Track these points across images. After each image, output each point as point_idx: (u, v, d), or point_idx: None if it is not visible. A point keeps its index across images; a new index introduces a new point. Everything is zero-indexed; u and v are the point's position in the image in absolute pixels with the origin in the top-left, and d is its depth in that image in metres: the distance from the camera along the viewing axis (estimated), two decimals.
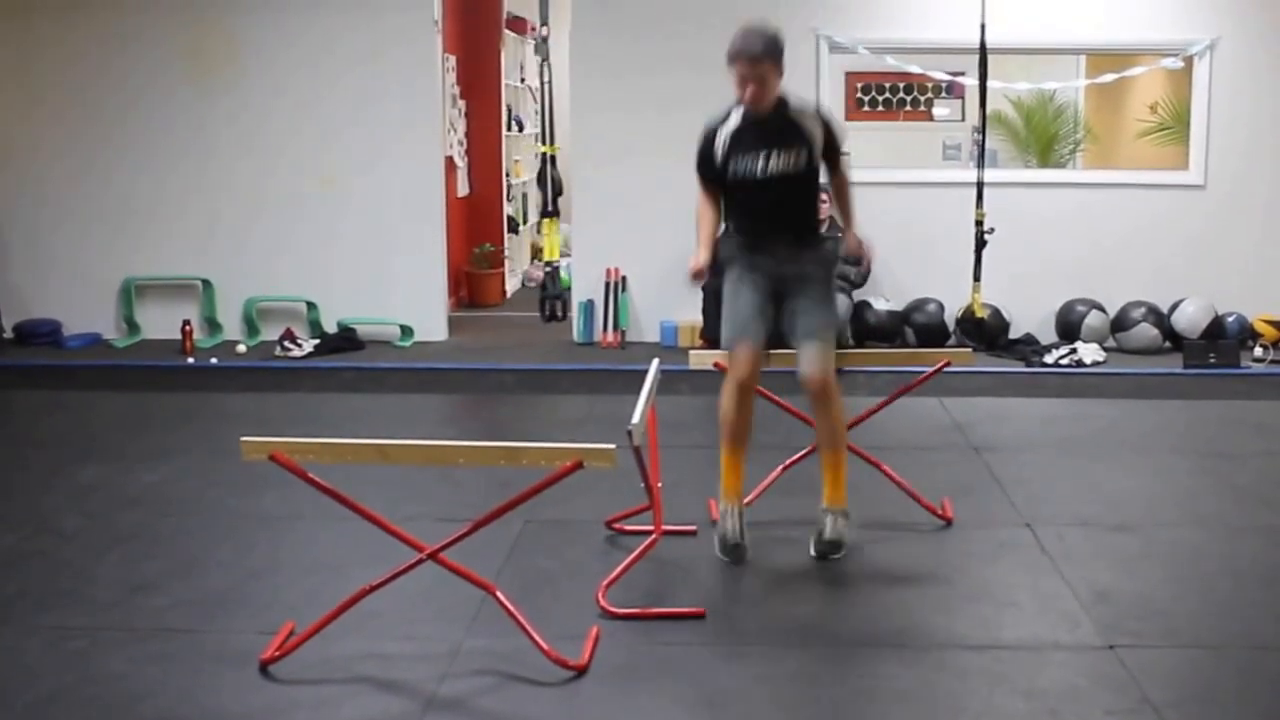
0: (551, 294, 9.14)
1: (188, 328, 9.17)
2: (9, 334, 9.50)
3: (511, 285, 11.91)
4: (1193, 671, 4.06)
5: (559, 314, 9.14)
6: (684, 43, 9.34)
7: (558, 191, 9.24)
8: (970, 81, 9.09)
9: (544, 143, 9.25)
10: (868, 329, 9.10)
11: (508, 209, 12.03)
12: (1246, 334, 8.98)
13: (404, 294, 9.43)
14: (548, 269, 9.16)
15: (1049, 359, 8.66)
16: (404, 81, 9.27)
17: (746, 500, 5.38)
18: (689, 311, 9.24)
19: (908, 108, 12.64)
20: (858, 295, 9.14)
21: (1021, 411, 7.76)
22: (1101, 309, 9.13)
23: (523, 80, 12.61)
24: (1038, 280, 9.28)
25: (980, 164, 8.41)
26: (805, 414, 5.59)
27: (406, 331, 9.37)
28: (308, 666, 3.94)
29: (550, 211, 9.16)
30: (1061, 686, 3.88)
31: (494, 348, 9.29)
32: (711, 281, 8.86)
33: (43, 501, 5.78)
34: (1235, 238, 9.34)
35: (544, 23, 8.96)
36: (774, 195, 5.05)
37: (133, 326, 9.56)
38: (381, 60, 9.18)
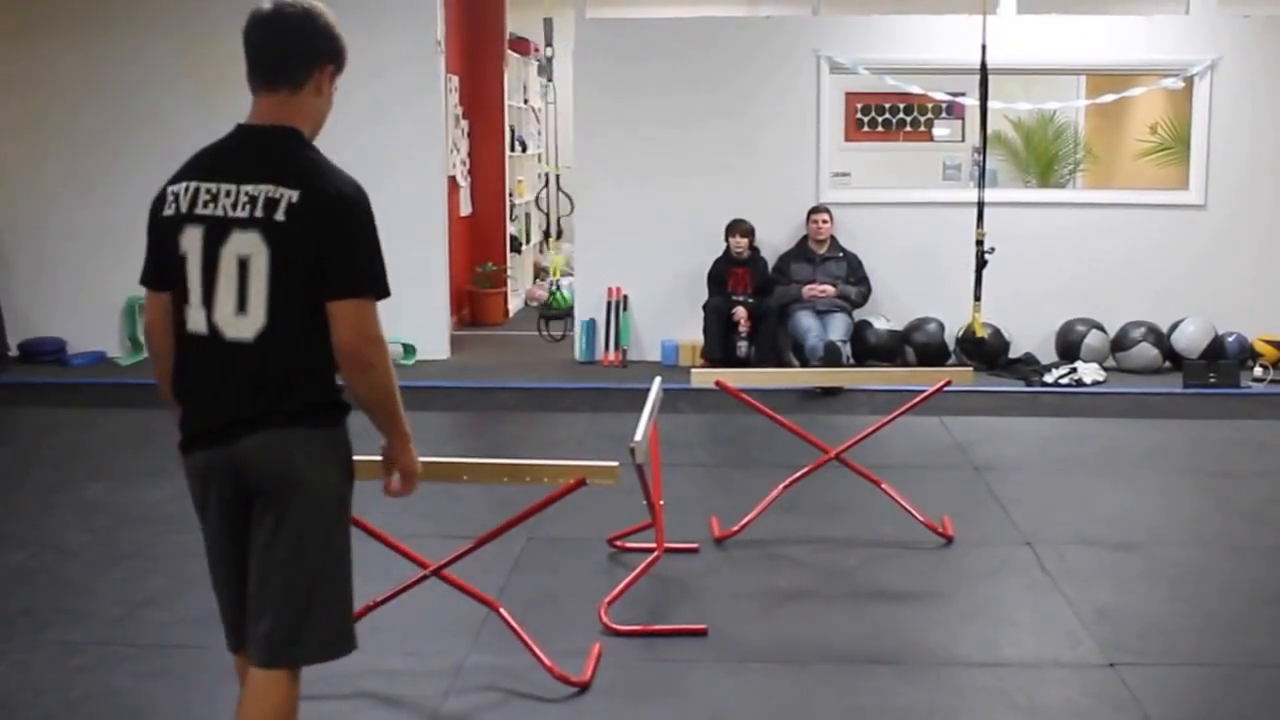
0: (554, 313, 9.17)
1: None
2: (14, 352, 9.51)
3: (514, 304, 11.94)
4: (1194, 690, 4.07)
5: (559, 334, 9.16)
6: (686, 64, 9.41)
7: (568, 211, 9.31)
8: (970, 102, 9.14)
9: (549, 163, 9.31)
10: (868, 348, 9.12)
11: (510, 229, 12.07)
12: (1246, 354, 9.00)
13: (406, 312, 9.38)
14: (553, 288, 9.19)
15: (1049, 378, 8.67)
16: (407, 102, 9.31)
17: (747, 519, 5.42)
18: (690, 330, 9.27)
19: (908, 128, 12.72)
20: (858, 315, 9.17)
21: (1022, 431, 7.77)
22: (1101, 329, 9.15)
23: (526, 101, 12.66)
24: (1038, 300, 9.31)
25: (981, 184, 8.44)
26: (806, 433, 5.61)
27: (409, 350, 9.39)
28: (310, 682, 3.91)
29: (554, 231, 9.23)
30: (1062, 704, 3.90)
31: (496, 366, 9.31)
32: (711, 301, 8.99)
33: (47, 519, 5.80)
34: (1235, 258, 9.36)
35: (548, 44, 9.02)
36: None
37: (136, 345, 9.58)
38: (384, 81, 9.22)
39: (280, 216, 2.73)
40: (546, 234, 9.26)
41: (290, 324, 2.77)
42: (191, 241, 2.82)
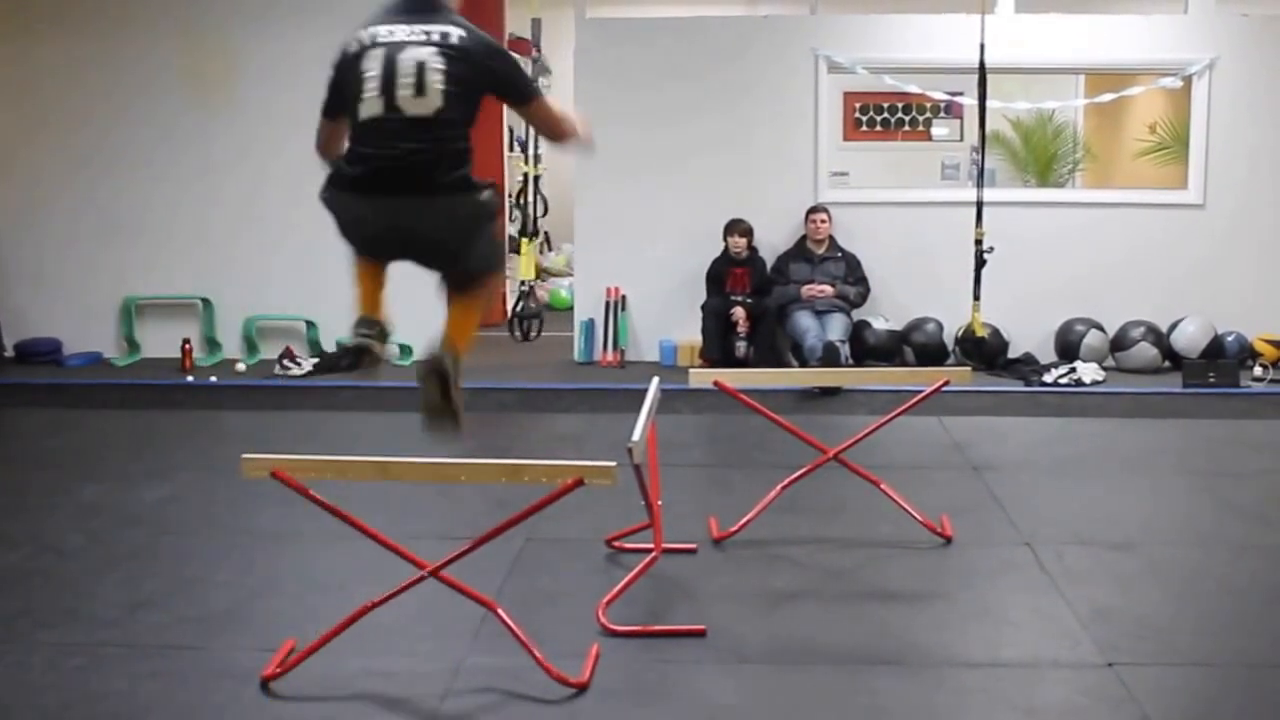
0: (527, 313, 9.24)
1: (187, 346, 9.18)
2: (10, 353, 9.52)
3: (513, 305, 11.89)
4: (1192, 690, 4.06)
5: (531, 334, 9.23)
6: (685, 63, 9.40)
7: (543, 212, 9.35)
8: (969, 101, 9.13)
9: (530, 163, 9.38)
10: (867, 348, 9.11)
11: (509, 229, 12.02)
12: (1246, 353, 8.99)
13: (403, 313, 9.36)
14: (522, 288, 9.28)
15: (1048, 378, 8.66)
16: None
17: (745, 519, 5.41)
18: (688, 331, 9.26)
19: (906, 127, 12.71)
20: (857, 315, 9.16)
21: (1021, 430, 7.76)
22: (1101, 328, 9.14)
23: None
24: (1037, 299, 9.30)
25: (979, 183, 8.44)
26: (805, 433, 5.60)
27: (406, 350, 9.37)
28: (309, 684, 3.95)
29: (530, 232, 9.28)
30: (1061, 704, 3.89)
31: (494, 366, 9.28)
32: (710, 301, 8.99)
33: (44, 520, 5.79)
34: (1234, 257, 9.36)
35: (536, 45, 9.07)
36: None
37: (133, 345, 9.57)
38: None
39: (453, 40, 3.82)
40: (521, 233, 9.30)
41: (455, 113, 3.81)
42: (373, 60, 3.80)
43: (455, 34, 3.84)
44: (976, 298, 8.35)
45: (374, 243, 4.04)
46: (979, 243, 8.32)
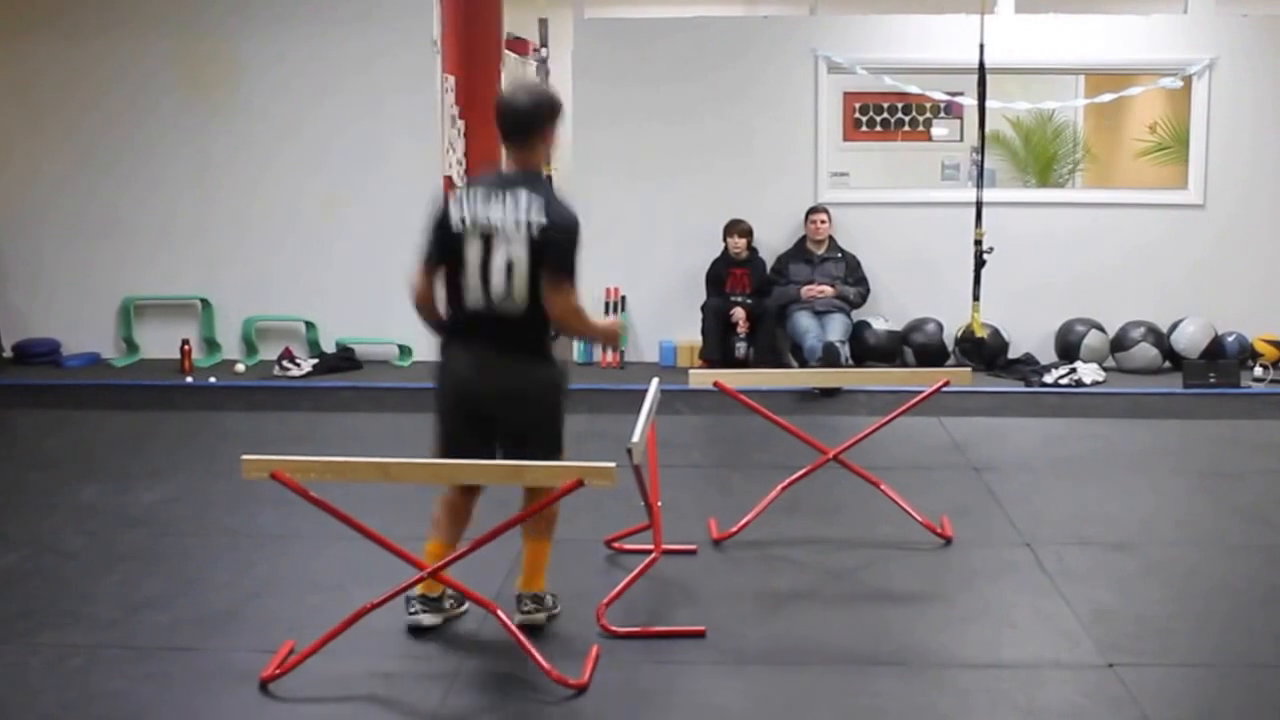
0: None
1: (186, 347, 9.17)
2: (8, 353, 9.50)
3: None
4: (1192, 690, 4.06)
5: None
6: (684, 64, 9.40)
7: None
8: (969, 101, 9.13)
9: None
10: (867, 349, 9.11)
11: None
12: (1246, 353, 8.99)
13: (402, 313, 9.22)
14: None
15: (1048, 379, 8.66)
16: (403, 101, 9.29)
17: (745, 520, 5.41)
18: (688, 331, 9.26)
19: (906, 128, 12.71)
20: (857, 315, 9.15)
21: (1021, 431, 7.76)
22: (1101, 329, 9.14)
23: None
24: (1037, 300, 9.30)
25: (979, 184, 8.43)
26: (805, 433, 5.60)
27: (405, 351, 9.37)
28: (308, 685, 3.94)
29: None
30: (1061, 705, 3.88)
31: None
32: (710, 302, 8.98)
33: (43, 521, 5.78)
34: (1235, 257, 9.35)
35: (543, 44, 9.04)
36: None
37: (132, 346, 9.56)
38: (380, 80, 9.22)
39: (536, 234, 4.15)
40: None
41: (536, 302, 4.21)
42: (473, 242, 4.20)
43: (537, 222, 4.16)
44: (976, 298, 8.35)
45: (460, 405, 4.34)
46: (979, 243, 8.31)
